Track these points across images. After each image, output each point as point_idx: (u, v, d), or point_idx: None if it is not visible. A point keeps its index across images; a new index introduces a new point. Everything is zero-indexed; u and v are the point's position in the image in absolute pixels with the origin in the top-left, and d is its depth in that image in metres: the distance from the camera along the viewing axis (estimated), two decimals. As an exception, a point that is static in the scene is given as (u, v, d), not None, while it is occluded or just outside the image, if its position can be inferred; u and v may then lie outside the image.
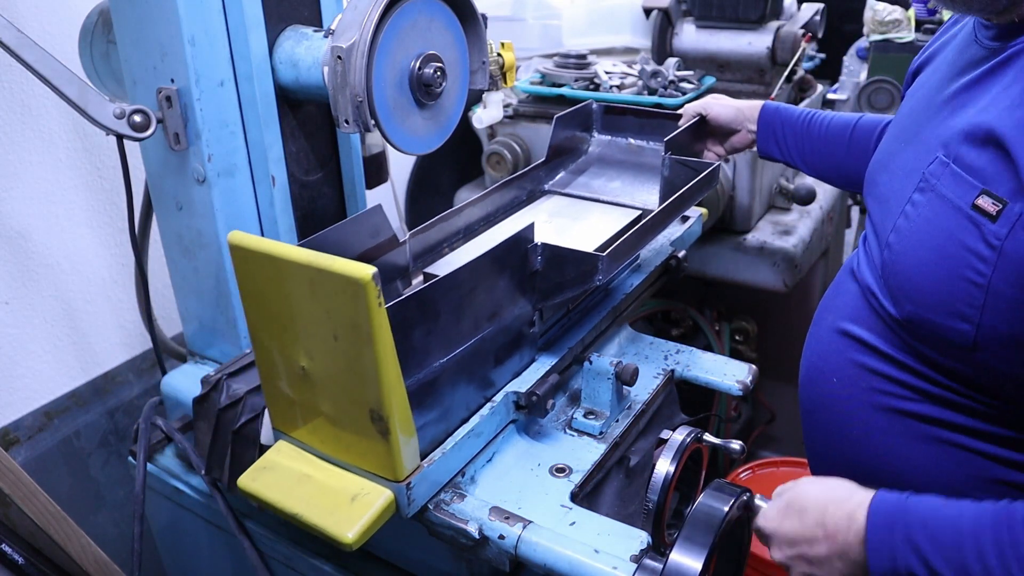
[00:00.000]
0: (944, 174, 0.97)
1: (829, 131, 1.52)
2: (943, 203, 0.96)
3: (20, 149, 1.68)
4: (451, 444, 1.04)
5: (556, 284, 1.12)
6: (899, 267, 1.02)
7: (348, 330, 0.88)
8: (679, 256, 1.51)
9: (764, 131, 1.59)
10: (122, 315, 1.94)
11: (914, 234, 1.00)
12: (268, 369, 1.01)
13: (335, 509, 0.95)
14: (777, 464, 2.22)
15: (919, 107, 1.13)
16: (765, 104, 1.60)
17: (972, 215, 0.91)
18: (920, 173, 1.02)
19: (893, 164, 1.13)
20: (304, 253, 0.89)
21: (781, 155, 1.59)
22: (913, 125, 1.12)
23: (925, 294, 0.97)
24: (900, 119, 1.20)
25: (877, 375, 1.08)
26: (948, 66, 1.10)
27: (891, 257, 1.03)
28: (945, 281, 0.94)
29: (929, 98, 1.11)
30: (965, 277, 0.92)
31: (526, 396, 1.13)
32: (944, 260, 0.95)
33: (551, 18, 2.46)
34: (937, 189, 0.97)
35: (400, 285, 1.24)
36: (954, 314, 0.94)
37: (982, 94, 0.97)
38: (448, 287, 1.00)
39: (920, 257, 0.98)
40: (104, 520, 1.96)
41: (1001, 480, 1.02)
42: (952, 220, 0.94)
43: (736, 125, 1.62)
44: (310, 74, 1.29)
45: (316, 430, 1.01)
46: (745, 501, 1.03)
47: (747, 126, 1.61)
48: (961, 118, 0.98)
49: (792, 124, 1.56)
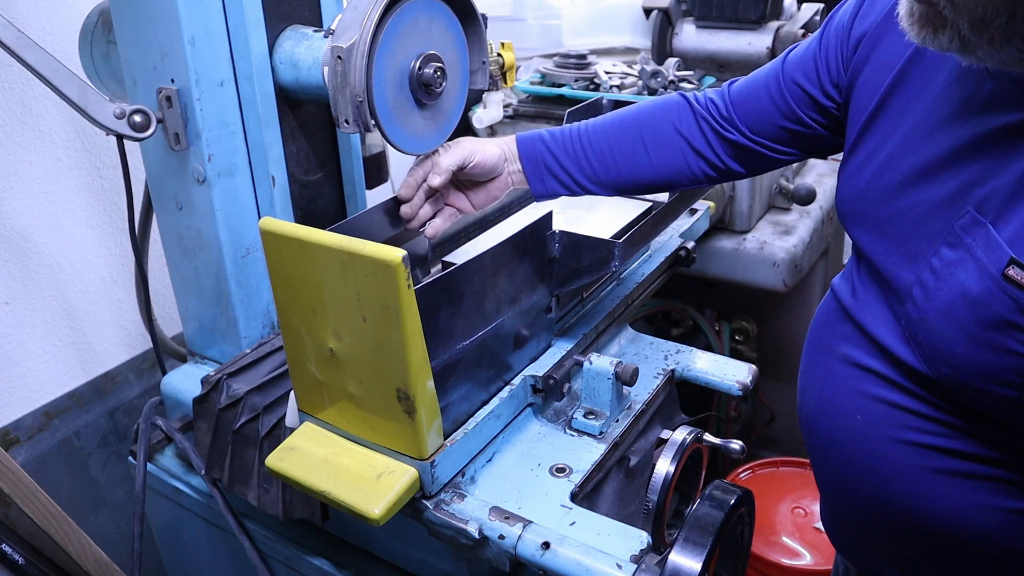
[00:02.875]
0: (979, 234, 0.89)
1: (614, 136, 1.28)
2: (979, 268, 0.89)
3: (20, 149, 1.68)
4: (472, 424, 1.08)
5: (573, 270, 1.17)
6: (930, 329, 0.95)
7: (377, 312, 0.91)
8: (688, 247, 1.53)
9: (532, 168, 1.29)
10: (122, 315, 1.94)
11: (945, 294, 0.93)
12: (296, 352, 1.04)
13: (362, 486, 0.98)
14: (777, 464, 2.22)
15: (919, 135, 1.01)
16: (517, 137, 1.30)
17: (1004, 285, 0.86)
18: (948, 225, 0.94)
19: (892, 196, 1.03)
20: (335, 238, 0.91)
21: (563, 187, 1.30)
22: (913, 155, 1.01)
23: (965, 362, 0.91)
24: (886, 139, 1.06)
25: (906, 412, 1.02)
26: (946, 95, 0.99)
27: (918, 314, 0.96)
28: (986, 352, 0.89)
29: (932, 131, 0.99)
30: (1009, 349, 0.87)
31: (543, 380, 1.17)
32: (983, 331, 0.89)
33: (551, 18, 2.47)
34: (972, 250, 0.90)
35: (419, 273, 1.27)
36: (999, 382, 0.89)
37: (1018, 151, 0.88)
38: (472, 271, 1.04)
39: (955, 322, 0.91)
40: (104, 520, 1.96)
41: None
42: (988, 288, 0.88)
43: (498, 170, 1.29)
44: (310, 74, 1.29)
45: (342, 411, 1.04)
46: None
47: (508, 167, 1.29)
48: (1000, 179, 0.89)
49: (562, 147, 1.29)
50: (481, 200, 1.30)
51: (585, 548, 0.96)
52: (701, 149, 1.26)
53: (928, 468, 1.02)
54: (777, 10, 2.21)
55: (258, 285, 1.42)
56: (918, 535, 1.06)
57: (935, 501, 1.02)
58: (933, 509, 1.03)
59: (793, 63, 1.19)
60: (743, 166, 1.26)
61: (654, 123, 1.27)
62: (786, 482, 2.13)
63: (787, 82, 1.19)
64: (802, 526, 2.00)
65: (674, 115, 1.27)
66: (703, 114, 1.26)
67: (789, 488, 2.10)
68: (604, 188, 1.29)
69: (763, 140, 1.22)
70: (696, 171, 1.27)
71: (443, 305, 1.00)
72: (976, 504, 1.00)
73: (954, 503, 1.01)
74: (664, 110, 1.28)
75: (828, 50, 1.15)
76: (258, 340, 1.43)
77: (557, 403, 1.23)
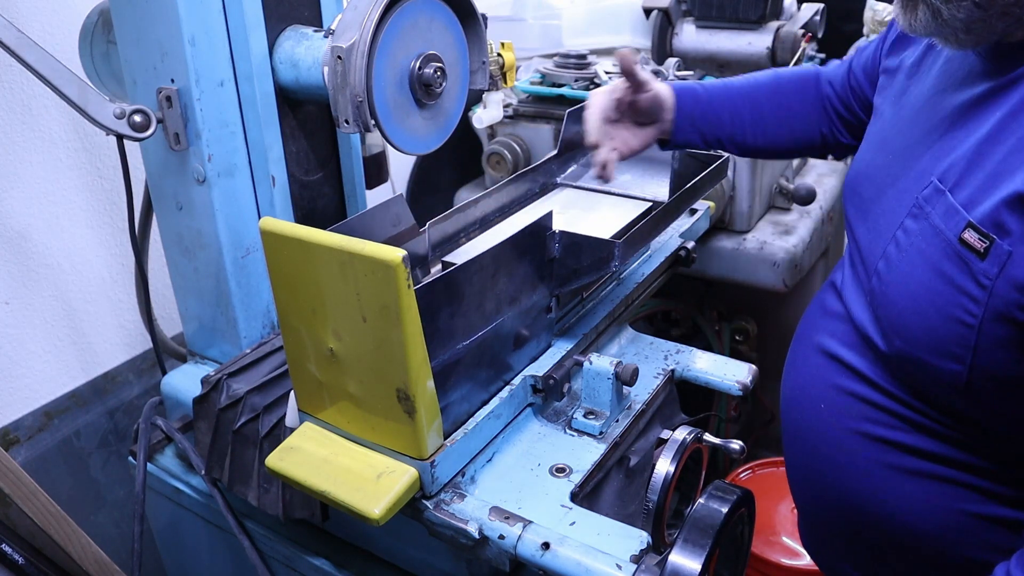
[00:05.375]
0: (939, 202, 0.91)
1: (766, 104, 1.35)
2: (936, 235, 0.91)
3: (20, 149, 1.68)
4: (472, 424, 1.08)
5: (573, 270, 1.17)
6: (888, 300, 0.97)
7: (377, 311, 0.91)
8: (688, 247, 1.53)
9: (683, 119, 1.33)
10: (122, 315, 1.94)
11: (904, 265, 0.95)
12: (296, 352, 1.04)
13: (362, 486, 0.98)
14: (777, 464, 2.22)
15: (907, 116, 1.07)
16: (675, 87, 1.33)
17: (960, 250, 0.86)
18: (913, 197, 0.96)
19: (878, 176, 1.07)
20: (335, 238, 0.91)
21: (702, 143, 1.36)
22: (901, 136, 1.06)
23: (915, 332, 0.92)
24: (884, 124, 1.14)
25: (866, 403, 1.03)
26: (939, 75, 1.04)
27: (880, 287, 0.98)
28: (935, 320, 0.89)
29: (919, 110, 1.05)
30: (955, 317, 0.87)
31: (543, 380, 1.17)
32: (934, 297, 0.89)
33: (551, 18, 2.46)
34: (931, 218, 0.92)
35: (419, 273, 1.27)
36: (945, 354, 0.89)
37: (982, 118, 0.91)
38: (472, 271, 1.03)
39: (910, 291, 0.93)
40: (104, 520, 1.96)
41: (990, 517, 0.98)
42: (942, 253, 0.89)
43: (664, 111, 1.32)
44: (310, 74, 1.29)
45: (342, 411, 1.04)
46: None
47: (663, 115, 1.33)
48: (962, 147, 0.92)
49: (715, 108, 1.34)
50: (638, 142, 1.33)
51: (585, 548, 0.96)
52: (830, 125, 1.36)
53: (884, 463, 1.02)
54: (777, 10, 2.21)
55: (258, 285, 1.42)
56: (873, 534, 1.07)
57: (889, 497, 1.03)
58: (887, 506, 1.03)
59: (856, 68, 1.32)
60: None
61: (798, 95, 1.35)
62: (786, 482, 2.12)
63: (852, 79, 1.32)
64: (802, 526, 2.00)
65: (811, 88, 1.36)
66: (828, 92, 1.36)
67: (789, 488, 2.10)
68: (740, 150, 1.38)
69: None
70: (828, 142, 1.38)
71: (443, 305, 1.00)
72: (931, 505, 1.00)
73: (908, 501, 1.01)
74: (802, 83, 1.36)
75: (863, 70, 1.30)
76: (258, 340, 1.43)
77: (557, 403, 1.23)
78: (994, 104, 0.90)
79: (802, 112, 1.35)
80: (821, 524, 1.17)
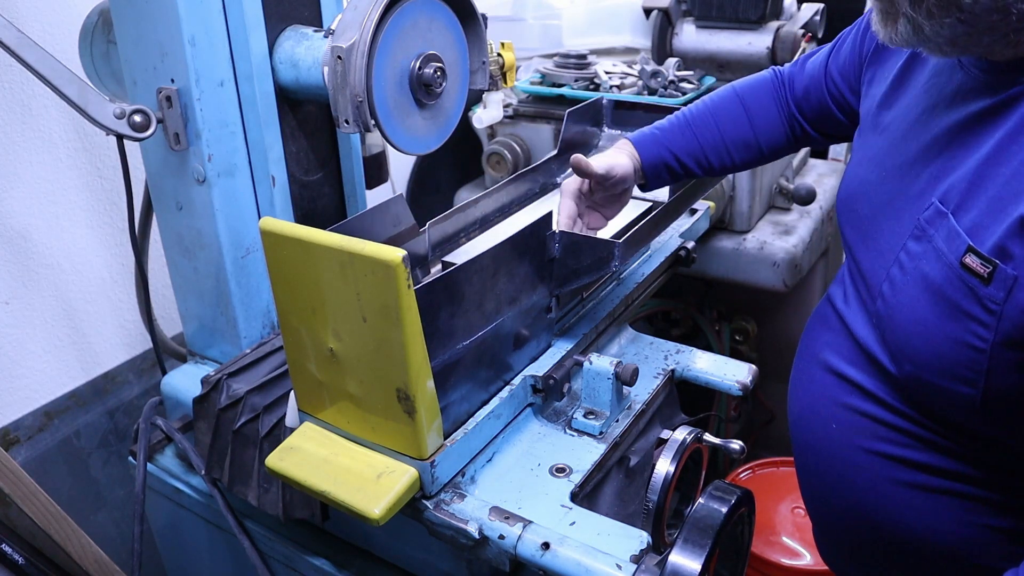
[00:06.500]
0: (941, 224, 0.89)
1: (725, 125, 1.33)
2: (938, 258, 0.89)
3: (20, 149, 1.68)
4: (472, 424, 1.08)
5: (573, 270, 1.17)
6: (895, 324, 0.95)
7: (377, 312, 0.91)
8: (688, 247, 1.53)
9: (652, 171, 1.32)
10: (122, 315, 1.94)
11: (910, 288, 0.93)
12: (296, 352, 1.04)
13: (362, 486, 0.98)
14: (777, 464, 2.22)
15: (899, 131, 1.04)
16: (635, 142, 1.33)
17: (962, 275, 0.85)
18: (915, 218, 0.94)
19: (874, 194, 1.05)
20: (335, 238, 0.91)
21: (673, 181, 1.36)
22: (895, 152, 1.03)
23: (925, 356, 0.91)
24: (874, 139, 1.10)
25: (876, 422, 1.02)
26: (928, 88, 1.01)
27: (886, 310, 0.97)
28: (944, 345, 0.88)
29: (911, 124, 1.02)
30: (964, 342, 0.86)
31: (543, 380, 1.17)
32: (942, 323, 0.88)
33: (551, 18, 2.46)
34: (934, 241, 0.90)
35: (419, 273, 1.27)
36: (957, 378, 0.88)
37: (981, 138, 0.90)
38: (472, 271, 1.04)
39: (917, 316, 0.91)
40: (104, 520, 1.96)
41: (1006, 529, 0.98)
42: (945, 278, 0.88)
43: (626, 183, 1.31)
44: (310, 74, 1.29)
45: (342, 411, 1.04)
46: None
47: (632, 181, 1.32)
48: (962, 168, 0.90)
49: (679, 145, 1.33)
50: (613, 212, 1.34)
51: (585, 548, 0.96)
52: (795, 122, 1.36)
53: (897, 480, 1.01)
54: (777, 10, 2.21)
55: (258, 285, 1.42)
56: (888, 548, 1.06)
57: (903, 514, 1.02)
58: (901, 522, 1.02)
59: (832, 67, 1.30)
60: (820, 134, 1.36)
61: (758, 106, 1.35)
62: (786, 482, 2.13)
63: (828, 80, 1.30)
64: (802, 526, 2.00)
65: (771, 94, 1.36)
66: (786, 94, 1.36)
67: (789, 488, 2.10)
68: (713, 174, 1.37)
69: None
70: (798, 139, 1.38)
71: (443, 305, 1.00)
72: (945, 519, 1.00)
73: (921, 516, 1.01)
74: (762, 90, 1.36)
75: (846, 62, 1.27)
76: (258, 340, 1.43)
77: (557, 403, 1.23)
78: (992, 124, 0.89)
79: (764, 123, 1.34)
80: (835, 537, 1.17)
